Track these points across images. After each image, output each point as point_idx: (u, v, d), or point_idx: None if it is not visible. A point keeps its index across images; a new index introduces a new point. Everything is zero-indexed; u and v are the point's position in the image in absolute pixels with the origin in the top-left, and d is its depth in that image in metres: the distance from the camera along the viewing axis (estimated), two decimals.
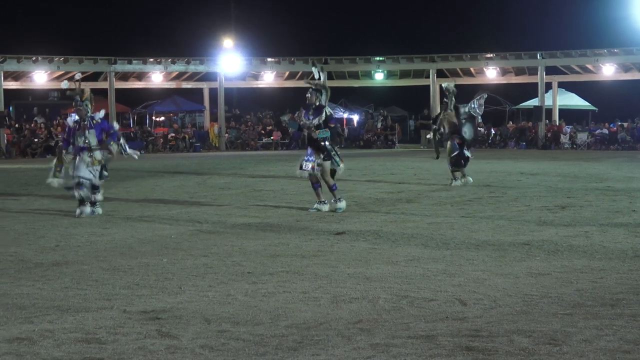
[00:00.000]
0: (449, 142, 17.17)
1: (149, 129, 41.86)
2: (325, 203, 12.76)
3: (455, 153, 16.90)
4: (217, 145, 39.79)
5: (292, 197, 15.04)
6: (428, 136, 18.63)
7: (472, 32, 51.77)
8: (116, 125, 13.35)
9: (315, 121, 12.62)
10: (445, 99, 17.66)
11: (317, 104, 12.77)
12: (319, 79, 13.30)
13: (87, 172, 12.47)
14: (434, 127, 17.80)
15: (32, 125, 38.13)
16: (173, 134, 40.51)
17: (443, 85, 18.00)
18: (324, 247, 9.38)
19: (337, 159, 12.75)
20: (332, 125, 12.88)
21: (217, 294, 6.94)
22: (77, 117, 12.73)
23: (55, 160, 13.10)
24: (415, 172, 20.15)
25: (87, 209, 12.51)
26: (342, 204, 12.80)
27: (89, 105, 12.76)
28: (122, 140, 13.05)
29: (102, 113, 13.05)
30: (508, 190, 15.97)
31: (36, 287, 7.30)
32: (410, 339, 5.46)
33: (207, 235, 10.52)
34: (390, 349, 5.27)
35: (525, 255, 8.67)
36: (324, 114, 12.68)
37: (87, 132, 12.56)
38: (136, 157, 13.48)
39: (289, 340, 5.48)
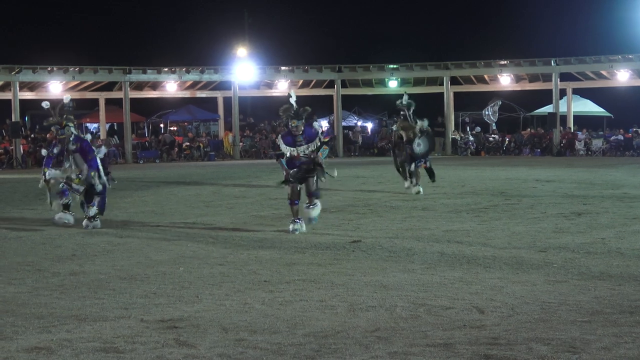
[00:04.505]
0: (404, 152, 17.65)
1: (172, 137, 41.88)
2: (301, 221, 11.73)
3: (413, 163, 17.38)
4: (231, 153, 39.83)
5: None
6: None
7: (486, 39, 51.66)
8: (102, 151, 12.96)
9: (312, 147, 11.73)
10: (402, 112, 17.89)
11: (303, 128, 11.78)
12: (294, 106, 11.93)
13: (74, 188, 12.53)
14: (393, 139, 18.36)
15: (48, 135, 38.27)
16: (188, 143, 40.60)
17: (400, 102, 18.15)
18: (340, 255, 9.38)
19: (327, 172, 11.94)
20: (327, 140, 12.03)
21: (234, 302, 6.95)
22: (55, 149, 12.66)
23: (47, 192, 12.83)
24: (430, 180, 20.05)
25: (68, 216, 12.57)
26: (317, 210, 11.80)
27: (72, 126, 12.57)
28: (99, 172, 12.62)
29: (88, 136, 13.14)
30: (523, 197, 15.92)
31: (54, 296, 7.33)
32: (428, 347, 5.45)
33: (223, 243, 10.53)
34: (409, 357, 5.25)
35: (542, 263, 8.64)
36: (318, 136, 11.80)
37: (72, 157, 12.52)
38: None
39: (307, 349, 5.47)
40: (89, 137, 13.49)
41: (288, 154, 11.81)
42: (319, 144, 11.83)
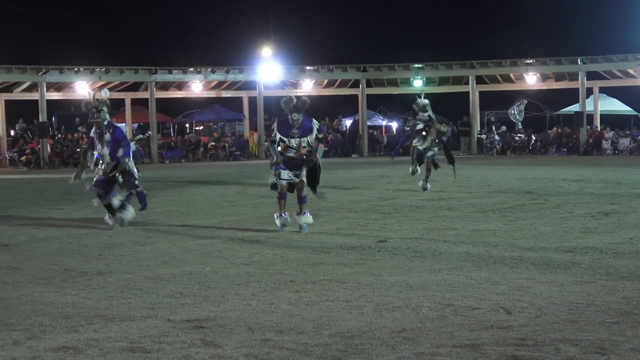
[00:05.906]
0: (430, 152, 18.81)
1: (197, 136, 42.01)
2: (287, 214, 11.84)
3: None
4: (256, 153, 39.92)
5: (332, 205, 15.02)
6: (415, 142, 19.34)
7: (512, 38, 51.43)
8: (133, 146, 12.91)
9: (304, 142, 11.82)
10: (421, 113, 19.01)
11: (302, 121, 11.86)
12: (294, 99, 12.14)
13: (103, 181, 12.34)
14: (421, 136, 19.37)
15: (75, 135, 38.55)
16: (213, 143, 40.74)
17: (419, 102, 19.04)
18: (366, 255, 9.36)
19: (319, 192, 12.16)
20: (321, 136, 12.02)
21: (260, 302, 6.95)
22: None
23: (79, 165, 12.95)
24: (455, 179, 20.02)
25: (128, 213, 12.44)
26: (309, 219, 11.76)
27: (106, 112, 12.53)
28: (130, 161, 12.61)
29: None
30: (550, 197, 15.82)
31: (81, 296, 7.37)
32: (455, 348, 5.42)
33: (248, 243, 10.55)
34: (435, 358, 5.23)
35: (570, 263, 8.58)
36: (314, 130, 11.89)
37: (102, 141, 12.40)
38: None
39: (333, 349, 5.47)
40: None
41: (278, 140, 11.90)
42: (314, 137, 11.88)
